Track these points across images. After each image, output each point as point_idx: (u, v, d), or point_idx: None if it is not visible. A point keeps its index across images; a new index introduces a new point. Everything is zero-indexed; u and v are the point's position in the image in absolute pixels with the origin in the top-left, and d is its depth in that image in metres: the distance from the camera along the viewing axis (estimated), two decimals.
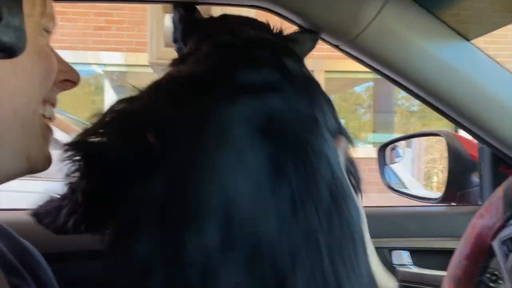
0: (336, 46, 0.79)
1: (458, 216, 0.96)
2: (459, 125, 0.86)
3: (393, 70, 0.79)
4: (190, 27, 0.66)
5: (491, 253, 0.64)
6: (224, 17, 0.66)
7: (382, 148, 1.28)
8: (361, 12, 0.71)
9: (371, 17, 0.71)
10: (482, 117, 0.83)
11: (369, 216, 0.98)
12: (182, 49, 0.67)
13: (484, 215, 0.65)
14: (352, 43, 0.76)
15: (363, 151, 6.29)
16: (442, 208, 1.05)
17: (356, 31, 0.73)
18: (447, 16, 0.77)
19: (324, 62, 5.86)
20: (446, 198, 1.04)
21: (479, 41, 0.88)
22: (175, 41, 0.70)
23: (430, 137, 1.29)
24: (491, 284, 0.81)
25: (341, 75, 6.10)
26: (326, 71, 6.05)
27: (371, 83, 7.13)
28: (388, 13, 0.72)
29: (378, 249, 0.91)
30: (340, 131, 0.50)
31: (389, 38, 0.75)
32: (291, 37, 0.66)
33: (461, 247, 0.67)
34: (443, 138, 1.05)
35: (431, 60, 0.77)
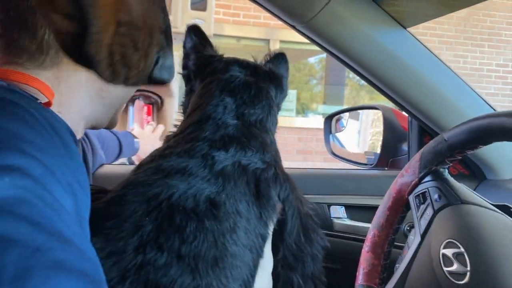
0: (293, 27, 0.90)
1: (388, 178, 1.11)
2: (393, 101, 1.01)
3: (341, 51, 0.91)
4: (202, 64, 0.72)
5: (407, 206, 0.80)
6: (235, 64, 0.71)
7: (328, 118, 1.41)
8: None
9: (323, 3, 0.82)
10: (412, 95, 0.97)
11: (314, 177, 1.12)
12: (191, 80, 0.73)
13: (404, 175, 0.79)
14: (307, 25, 0.87)
15: (313, 122, 6.52)
16: (375, 171, 1.21)
17: (310, 15, 0.84)
18: (388, 5, 0.90)
19: (280, 32, 5.94)
20: (379, 163, 1.19)
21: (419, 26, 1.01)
22: (184, 67, 0.76)
23: (377, 111, 1.43)
24: (407, 234, 0.99)
25: (296, 45, 6.22)
26: (281, 41, 6.14)
27: (324, 55, 7.29)
28: (337, 0, 0.83)
29: (319, 204, 1.06)
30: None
31: (338, 23, 0.86)
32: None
33: (385, 200, 0.82)
34: (380, 111, 1.20)
35: (372, 44, 0.90)
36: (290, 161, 5.99)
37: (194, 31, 0.75)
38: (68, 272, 0.28)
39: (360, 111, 1.51)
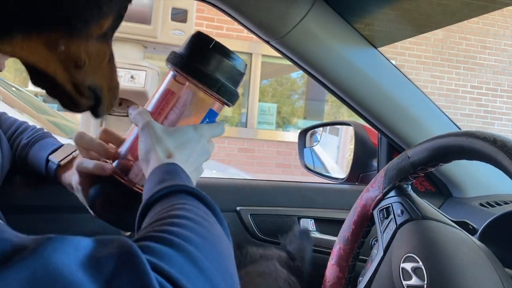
0: (267, 42, 0.92)
1: (357, 193, 1.12)
2: (362, 117, 1.03)
3: (313, 68, 0.94)
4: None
5: (372, 220, 0.82)
6: None
7: (303, 133, 1.44)
8: (288, 16, 0.84)
9: (297, 21, 0.85)
10: (381, 113, 1.00)
11: (284, 190, 1.13)
12: None
13: (369, 189, 0.82)
14: (280, 41, 0.89)
15: (293, 136, 6.57)
16: (345, 186, 1.23)
17: (284, 31, 0.87)
18: (360, 25, 0.93)
19: (263, 46, 6.00)
20: (350, 178, 1.22)
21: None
22: None
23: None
24: (373, 248, 1.00)
25: (278, 60, 6.28)
26: (264, 55, 6.20)
27: None
28: (311, 18, 0.86)
29: (289, 217, 1.07)
30: None
31: (310, 40, 0.89)
32: None
33: (350, 214, 0.83)
34: (352, 127, 1.23)
35: (343, 62, 0.92)
36: (269, 174, 6.01)
37: None
38: None
39: (339, 126, 1.54)
